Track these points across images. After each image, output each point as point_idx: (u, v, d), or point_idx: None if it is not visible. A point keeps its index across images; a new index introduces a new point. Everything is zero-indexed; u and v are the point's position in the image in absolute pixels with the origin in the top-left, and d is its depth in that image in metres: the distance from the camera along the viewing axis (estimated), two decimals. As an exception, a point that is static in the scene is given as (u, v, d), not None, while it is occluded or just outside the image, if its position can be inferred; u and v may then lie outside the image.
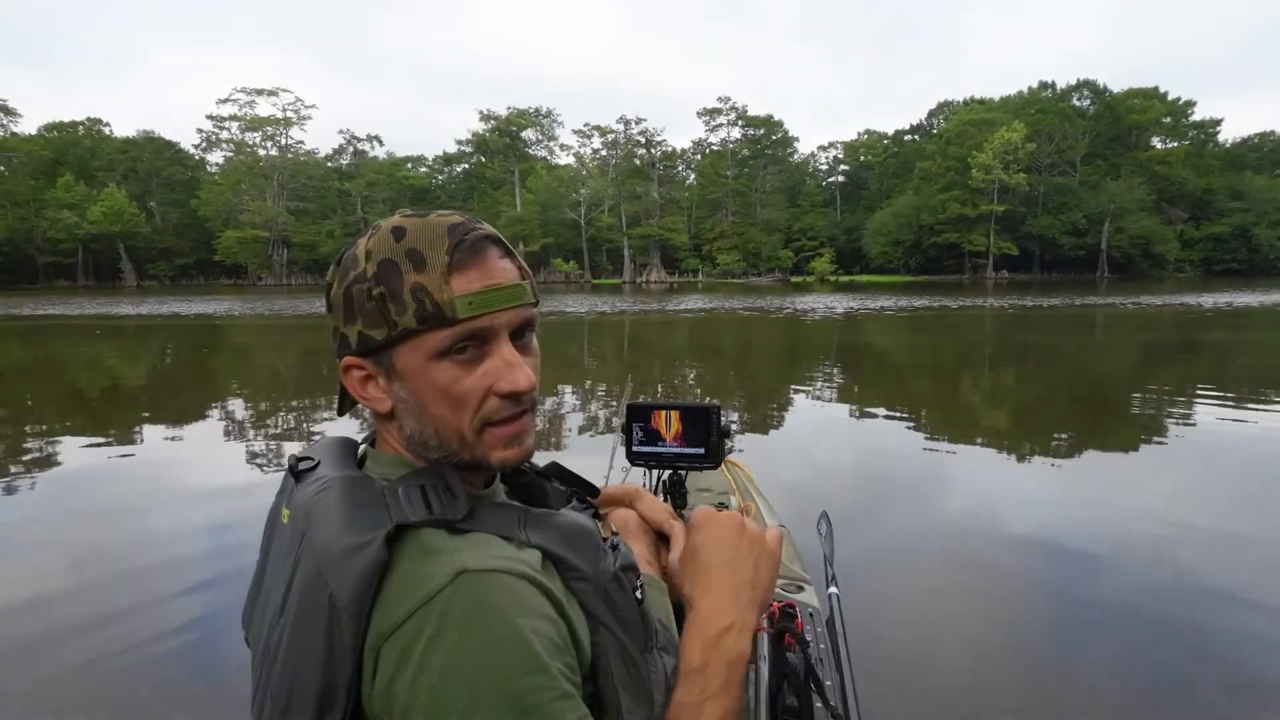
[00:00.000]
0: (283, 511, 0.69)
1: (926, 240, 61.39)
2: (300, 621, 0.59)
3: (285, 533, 0.67)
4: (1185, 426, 6.13)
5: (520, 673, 0.56)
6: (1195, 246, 60.76)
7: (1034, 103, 64.01)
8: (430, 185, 76.45)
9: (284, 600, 0.62)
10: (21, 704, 2.29)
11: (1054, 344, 13.18)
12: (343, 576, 0.57)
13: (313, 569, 0.59)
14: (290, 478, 0.72)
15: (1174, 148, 62.80)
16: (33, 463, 5.21)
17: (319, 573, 0.59)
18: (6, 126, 61.99)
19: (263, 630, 0.66)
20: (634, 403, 1.33)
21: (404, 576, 0.58)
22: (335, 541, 0.59)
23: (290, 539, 0.65)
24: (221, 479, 4.71)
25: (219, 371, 11.07)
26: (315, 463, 0.70)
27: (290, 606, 0.61)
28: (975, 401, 7.89)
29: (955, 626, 2.83)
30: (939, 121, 72.13)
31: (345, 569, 0.57)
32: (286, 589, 0.62)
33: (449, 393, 0.66)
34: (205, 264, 68.05)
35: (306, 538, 0.62)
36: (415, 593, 0.57)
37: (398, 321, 0.65)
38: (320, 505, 0.63)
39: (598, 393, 8.26)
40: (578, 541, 0.68)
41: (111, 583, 3.10)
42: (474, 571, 0.58)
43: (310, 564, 0.60)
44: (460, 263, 0.65)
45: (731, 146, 71.56)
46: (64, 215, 59.63)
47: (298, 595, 0.60)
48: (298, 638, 0.59)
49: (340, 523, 0.61)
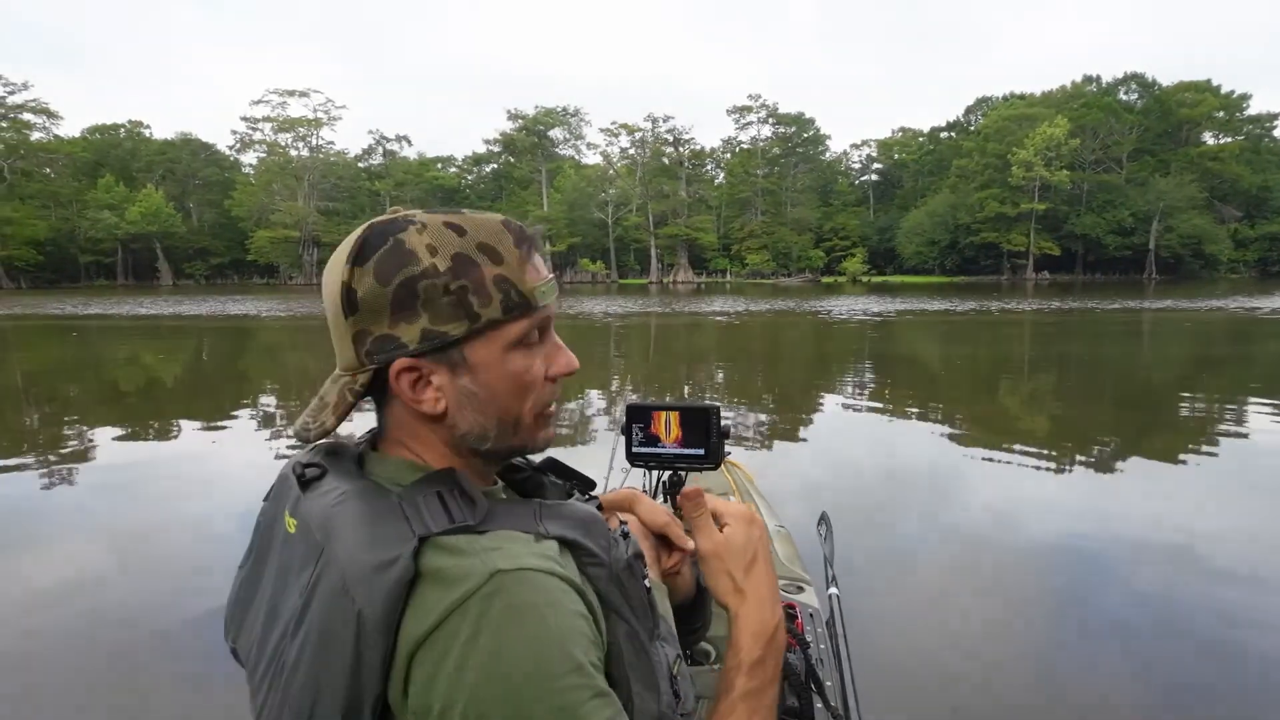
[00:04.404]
0: (286, 520, 0.68)
1: (963, 240, 59.71)
2: (325, 638, 0.58)
3: (294, 543, 0.66)
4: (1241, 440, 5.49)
5: (559, 672, 0.57)
6: (1250, 246, 58.25)
7: (1078, 97, 61.72)
8: (459, 185, 76.73)
9: (301, 615, 0.61)
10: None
11: (1097, 353, 12.27)
12: (372, 594, 0.57)
13: (338, 585, 0.58)
14: (291, 484, 0.70)
15: (1228, 143, 60.00)
16: (145, 446, 5.52)
17: (345, 590, 0.58)
18: (49, 129, 63.55)
19: (266, 644, 0.65)
20: (634, 403, 1.36)
21: (433, 583, 0.58)
22: (361, 558, 0.59)
23: (304, 551, 0.64)
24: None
25: (267, 369, 10.83)
26: (322, 470, 0.69)
27: (310, 622, 0.60)
28: (1002, 411, 7.42)
29: (957, 628, 2.83)
30: (977, 118, 70.19)
31: (374, 586, 0.57)
32: (304, 604, 0.61)
33: (522, 380, 0.69)
34: (239, 263, 69.14)
35: (328, 552, 0.61)
36: (448, 596, 0.57)
37: (480, 314, 0.66)
38: (340, 518, 0.62)
39: (600, 393, 8.16)
40: (592, 529, 0.68)
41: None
42: (507, 571, 0.58)
43: (335, 580, 0.59)
44: (527, 255, 0.68)
45: (762, 144, 70.40)
46: (104, 215, 61.01)
47: (321, 611, 0.59)
48: (322, 654, 0.58)
49: (365, 538, 0.60)
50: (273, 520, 0.72)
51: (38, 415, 7.53)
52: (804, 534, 2.17)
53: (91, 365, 11.92)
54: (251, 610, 0.70)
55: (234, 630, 0.73)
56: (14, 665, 2.58)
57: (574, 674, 0.57)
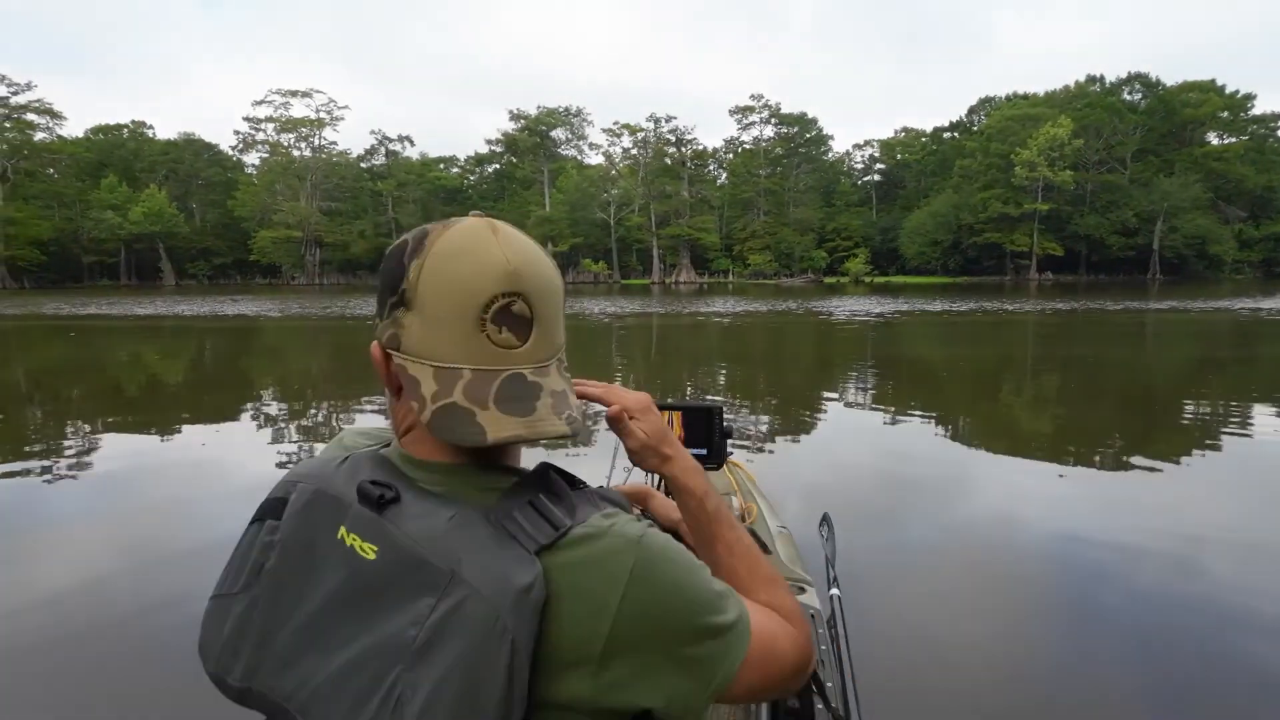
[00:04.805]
0: (357, 544, 0.65)
1: (966, 240, 59.51)
2: (475, 669, 0.57)
3: (377, 570, 0.63)
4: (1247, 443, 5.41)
5: (704, 568, 0.68)
6: (1254, 247, 57.96)
7: (1081, 97, 61.46)
8: (462, 186, 76.71)
9: (427, 645, 0.58)
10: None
11: (1100, 354, 12.18)
12: (521, 619, 0.58)
13: (486, 613, 0.58)
14: (341, 504, 0.67)
15: (1232, 143, 59.73)
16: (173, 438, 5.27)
17: (497, 617, 0.57)
18: (53, 129, 63.65)
19: (330, 680, 0.63)
20: None
21: (583, 577, 0.61)
22: (508, 582, 0.59)
23: (408, 579, 0.61)
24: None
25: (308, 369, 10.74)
26: (395, 492, 0.66)
27: (442, 653, 0.58)
28: (1004, 413, 7.34)
29: (958, 629, 2.80)
30: (980, 118, 69.95)
31: (522, 610, 0.58)
32: (433, 633, 0.59)
33: None
34: (241, 263, 69.20)
35: (459, 577, 0.59)
36: (615, 578, 0.61)
37: None
38: (466, 545, 0.61)
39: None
40: (625, 508, 0.71)
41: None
42: (641, 536, 0.64)
43: (480, 608, 0.58)
44: None
45: (764, 145, 70.28)
46: (107, 216, 61.14)
47: (468, 641, 0.57)
48: (473, 686, 0.57)
49: (497, 562, 0.60)
50: (309, 544, 0.68)
51: (38, 414, 7.48)
52: (806, 535, 2.15)
53: (96, 366, 11.88)
54: (273, 643, 0.67)
55: (239, 665, 0.68)
56: (16, 663, 2.59)
57: (715, 580, 0.68)
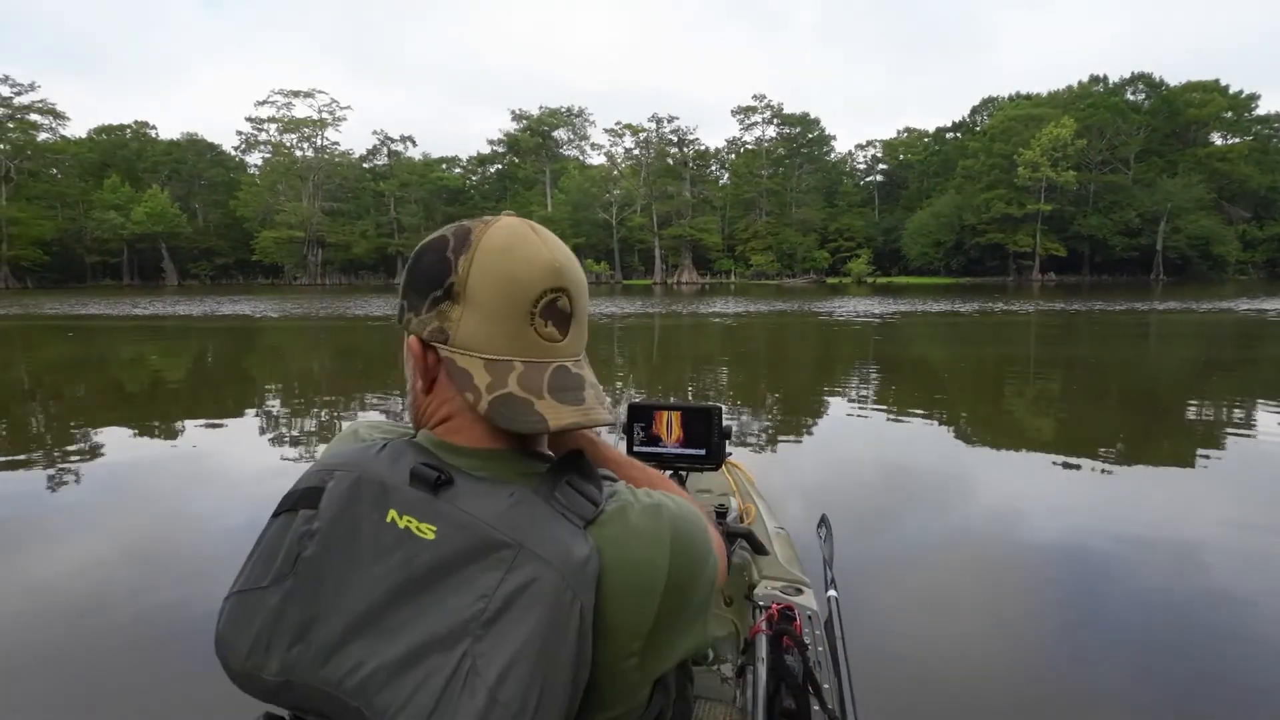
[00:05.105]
0: (408, 524, 0.65)
1: (968, 241, 59.41)
2: (548, 636, 0.59)
3: (436, 547, 0.64)
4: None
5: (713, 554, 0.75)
6: (1258, 247, 57.85)
7: (1084, 97, 61.35)
8: (464, 186, 76.74)
9: (496, 615, 0.60)
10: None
11: (1102, 355, 12.11)
12: (586, 588, 0.61)
13: (557, 583, 0.60)
14: (392, 488, 0.67)
15: (1236, 144, 59.58)
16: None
17: (567, 586, 0.60)
18: (56, 130, 63.76)
19: (395, 661, 0.62)
20: (635, 402, 1.36)
21: (628, 551, 0.66)
22: (572, 554, 0.62)
23: (479, 553, 0.63)
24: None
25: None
26: (449, 474, 0.68)
27: (514, 622, 0.60)
28: (1005, 414, 7.25)
29: (957, 631, 2.79)
30: (983, 118, 69.85)
31: (586, 580, 0.61)
32: (503, 605, 0.60)
33: None
34: (244, 264, 69.32)
35: (527, 549, 0.62)
36: (657, 546, 0.67)
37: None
38: (528, 517, 0.64)
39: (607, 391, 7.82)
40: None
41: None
42: (658, 505, 0.70)
43: (552, 578, 0.60)
44: None
45: (766, 145, 70.24)
46: (110, 216, 61.28)
47: (542, 609, 0.60)
48: (548, 651, 0.59)
49: (561, 534, 0.63)
50: (356, 530, 0.67)
51: (40, 414, 7.45)
52: (804, 536, 2.15)
53: (98, 365, 11.86)
54: (317, 632, 0.66)
55: (274, 659, 0.67)
56: (18, 662, 2.57)
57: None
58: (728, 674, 1.35)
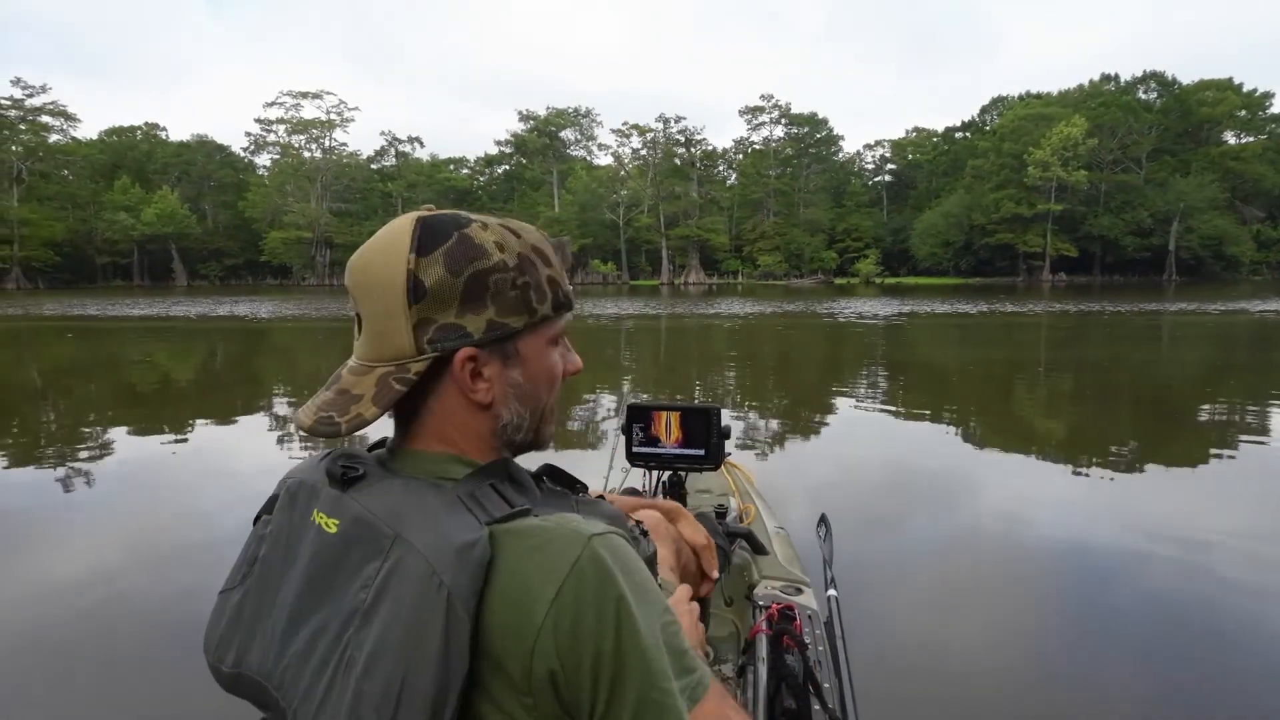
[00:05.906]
0: (322, 521, 0.68)
1: (978, 241, 59.09)
2: (413, 623, 0.58)
3: (339, 541, 0.65)
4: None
5: (667, 612, 0.66)
6: (1273, 248, 57.35)
7: (1095, 96, 60.85)
8: (471, 186, 76.88)
9: (372, 606, 0.60)
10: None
11: (1112, 356, 11.97)
12: (458, 576, 0.58)
13: (423, 570, 0.59)
14: (318, 487, 0.70)
15: (1250, 142, 59.04)
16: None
17: (433, 572, 0.58)
18: (67, 131, 64.21)
19: (302, 651, 0.65)
20: (635, 403, 1.36)
21: (525, 560, 0.60)
22: (443, 543, 0.59)
23: (362, 546, 0.63)
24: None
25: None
26: (361, 471, 0.69)
27: (389, 610, 0.59)
28: (1007, 415, 7.22)
29: (956, 631, 2.78)
30: (992, 118, 69.51)
31: (460, 568, 0.58)
32: (377, 594, 0.60)
33: (554, 373, 0.76)
34: (253, 264, 69.65)
35: (404, 540, 0.61)
36: (555, 568, 0.59)
37: (537, 309, 0.71)
38: (413, 509, 0.63)
39: (604, 392, 8.05)
40: (620, 524, 0.72)
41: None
42: (600, 535, 0.62)
43: (418, 565, 0.59)
44: (566, 262, 0.76)
45: (774, 145, 70.01)
46: (120, 217, 61.65)
47: (405, 597, 0.59)
48: (410, 638, 0.57)
49: (441, 525, 0.61)
50: (290, 529, 0.71)
51: (41, 414, 7.44)
52: (803, 536, 2.14)
53: (109, 365, 11.88)
54: (261, 627, 0.70)
55: (231, 652, 0.71)
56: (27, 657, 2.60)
57: (668, 611, 0.66)
58: (728, 674, 1.33)
